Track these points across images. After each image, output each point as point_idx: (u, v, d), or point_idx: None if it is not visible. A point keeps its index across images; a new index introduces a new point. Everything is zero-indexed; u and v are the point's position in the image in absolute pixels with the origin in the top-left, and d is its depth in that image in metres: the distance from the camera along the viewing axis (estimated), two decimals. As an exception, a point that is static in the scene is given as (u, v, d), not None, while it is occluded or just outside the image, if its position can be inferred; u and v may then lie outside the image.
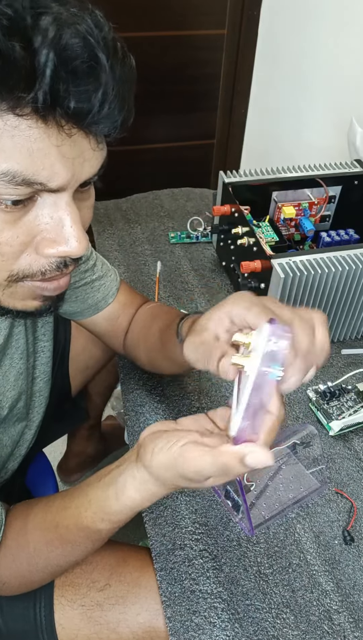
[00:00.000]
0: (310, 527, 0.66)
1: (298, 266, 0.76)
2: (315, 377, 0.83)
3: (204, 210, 1.14)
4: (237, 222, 0.88)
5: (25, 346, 0.66)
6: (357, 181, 0.96)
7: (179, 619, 0.57)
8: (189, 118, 1.80)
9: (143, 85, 1.68)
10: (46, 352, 0.72)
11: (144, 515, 0.65)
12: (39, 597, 0.63)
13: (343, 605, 0.59)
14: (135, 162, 1.82)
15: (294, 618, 0.58)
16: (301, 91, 1.72)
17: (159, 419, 0.75)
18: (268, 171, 0.95)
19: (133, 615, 0.62)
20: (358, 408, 0.77)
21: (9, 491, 0.79)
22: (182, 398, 0.78)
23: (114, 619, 0.62)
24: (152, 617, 0.61)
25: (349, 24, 1.50)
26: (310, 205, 0.97)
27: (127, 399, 0.78)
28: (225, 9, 1.61)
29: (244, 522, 0.64)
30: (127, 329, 0.76)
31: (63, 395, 0.99)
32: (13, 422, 0.68)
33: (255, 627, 0.57)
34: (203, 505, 0.67)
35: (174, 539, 0.63)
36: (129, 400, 0.78)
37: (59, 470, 1.35)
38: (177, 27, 1.61)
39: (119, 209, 1.15)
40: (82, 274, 0.71)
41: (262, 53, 1.67)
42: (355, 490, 0.69)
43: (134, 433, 0.74)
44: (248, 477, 0.66)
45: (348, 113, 1.12)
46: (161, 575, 0.60)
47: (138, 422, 0.75)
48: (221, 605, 0.58)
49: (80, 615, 0.62)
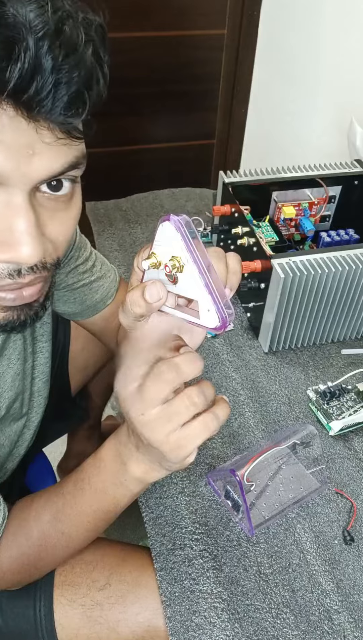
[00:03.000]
0: (310, 527, 0.66)
1: (298, 266, 0.76)
2: (315, 377, 0.83)
3: (204, 210, 1.14)
4: (237, 222, 0.88)
5: (23, 347, 0.66)
6: (357, 181, 0.96)
7: (179, 618, 0.57)
8: (189, 118, 1.80)
9: (143, 85, 1.70)
10: (45, 353, 0.72)
11: (144, 515, 0.65)
12: (39, 596, 0.64)
13: (343, 605, 0.59)
14: (135, 162, 1.82)
15: (294, 618, 0.58)
16: (302, 91, 1.72)
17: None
18: (268, 171, 0.95)
19: (133, 614, 0.62)
20: (358, 408, 0.77)
21: (9, 491, 0.79)
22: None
23: (114, 619, 0.62)
24: (152, 616, 0.61)
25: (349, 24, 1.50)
26: (310, 205, 0.97)
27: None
28: (225, 9, 1.61)
29: (244, 522, 0.64)
30: (119, 327, 0.76)
31: (63, 395, 0.99)
32: (9, 422, 0.68)
33: (255, 627, 0.57)
34: (203, 505, 0.67)
35: (174, 539, 0.63)
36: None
37: (59, 471, 1.35)
38: (177, 27, 1.61)
39: (119, 209, 1.15)
40: (81, 275, 0.71)
41: (262, 53, 1.67)
42: (355, 490, 0.69)
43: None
44: (248, 477, 0.66)
45: (348, 113, 1.12)
46: (161, 575, 0.60)
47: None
48: (221, 605, 0.58)
49: (80, 615, 0.62)
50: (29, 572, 0.59)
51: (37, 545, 0.57)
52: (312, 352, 0.87)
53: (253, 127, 1.83)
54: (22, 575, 0.59)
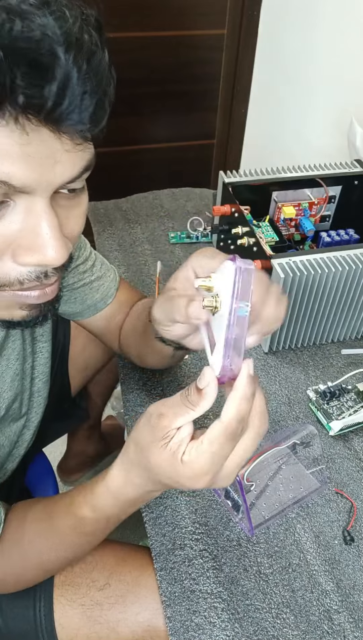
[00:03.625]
0: (310, 527, 0.66)
1: (298, 266, 0.76)
2: (315, 377, 0.83)
3: (204, 210, 1.14)
4: (237, 222, 0.88)
5: (22, 347, 0.66)
6: (357, 181, 0.96)
7: (179, 618, 0.57)
8: (189, 118, 1.80)
9: (143, 85, 1.70)
10: (44, 353, 0.72)
11: (144, 515, 0.65)
12: (39, 597, 0.64)
13: (343, 605, 0.59)
14: (135, 162, 1.82)
15: (294, 618, 0.58)
16: (301, 91, 1.72)
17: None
18: (268, 171, 0.95)
19: (133, 614, 0.62)
20: (358, 408, 0.77)
21: (9, 491, 0.79)
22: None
23: (114, 619, 0.62)
24: (152, 616, 0.61)
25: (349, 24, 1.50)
26: (310, 205, 0.97)
27: (127, 399, 0.78)
28: (225, 9, 1.61)
29: (244, 522, 0.64)
30: (121, 327, 0.77)
31: (63, 395, 0.99)
32: (9, 423, 0.68)
33: (255, 627, 0.57)
34: (203, 505, 0.67)
35: (174, 539, 0.63)
36: (129, 400, 0.78)
37: (59, 471, 1.35)
38: (177, 27, 1.61)
39: (119, 209, 1.15)
40: (81, 274, 0.71)
41: (262, 53, 1.67)
42: (355, 490, 0.69)
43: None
44: (248, 477, 0.66)
45: (348, 113, 1.12)
46: (161, 575, 0.60)
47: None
48: (221, 605, 0.58)
49: (80, 615, 0.62)
50: (22, 582, 0.60)
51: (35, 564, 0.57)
52: (312, 352, 0.87)
53: (253, 127, 1.83)
54: (17, 586, 0.60)
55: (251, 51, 1.68)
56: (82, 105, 0.36)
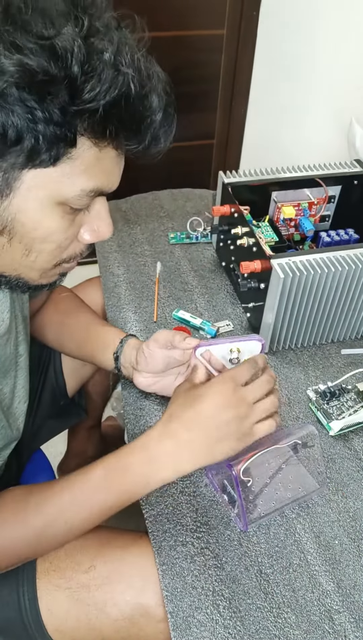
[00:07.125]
0: (310, 527, 0.66)
1: (298, 266, 0.76)
2: (315, 377, 0.83)
3: (204, 210, 1.14)
4: (237, 222, 0.89)
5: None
6: (357, 181, 0.96)
7: (181, 614, 0.58)
8: (189, 118, 1.80)
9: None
10: (23, 371, 0.72)
11: (145, 512, 0.66)
12: (22, 582, 0.64)
13: (344, 605, 0.59)
14: (135, 162, 1.82)
15: (295, 618, 0.58)
16: (301, 91, 1.72)
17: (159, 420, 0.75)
18: (267, 171, 0.95)
19: (119, 593, 0.62)
20: (358, 408, 0.77)
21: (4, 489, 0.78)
22: (182, 398, 0.78)
23: (101, 599, 0.62)
24: (138, 593, 0.62)
25: (348, 25, 1.50)
26: (310, 205, 0.97)
27: (128, 400, 0.78)
28: (224, 9, 1.61)
29: (239, 516, 0.64)
30: (37, 310, 0.86)
31: (57, 393, 0.99)
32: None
33: (257, 626, 0.57)
34: (204, 505, 0.67)
35: (176, 536, 0.64)
36: (129, 401, 0.78)
37: (59, 471, 1.35)
38: (177, 27, 1.61)
39: (119, 210, 1.15)
40: None
41: (262, 53, 1.67)
42: (355, 490, 0.69)
43: (134, 435, 0.74)
44: (246, 473, 0.66)
45: (348, 113, 1.12)
46: (163, 570, 0.61)
47: (137, 424, 0.75)
48: (223, 603, 0.59)
49: (67, 599, 0.63)
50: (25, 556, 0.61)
51: (37, 534, 0.58)
52: (312, 352, 0.87)
53: (253, 127, 1.83)
54: (14, 560, 0.61)
55: (251, 51, 1.68)
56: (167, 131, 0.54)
